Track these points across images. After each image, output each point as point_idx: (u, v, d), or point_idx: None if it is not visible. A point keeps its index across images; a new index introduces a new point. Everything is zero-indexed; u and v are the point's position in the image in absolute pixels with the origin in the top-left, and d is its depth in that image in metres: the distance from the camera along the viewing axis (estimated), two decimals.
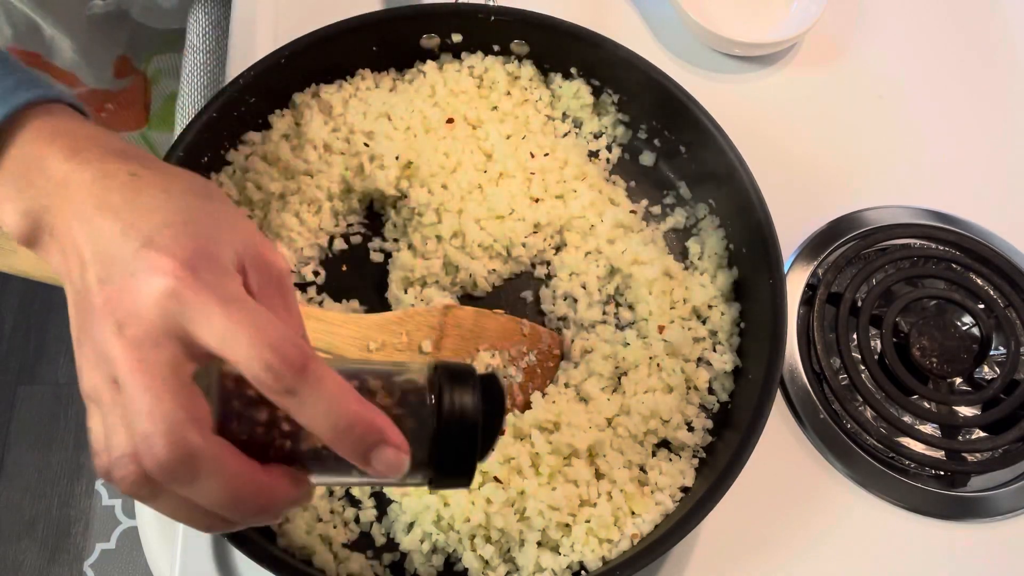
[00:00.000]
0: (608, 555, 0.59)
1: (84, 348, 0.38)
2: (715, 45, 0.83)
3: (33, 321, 1.77)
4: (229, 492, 0.36)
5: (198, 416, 0.36)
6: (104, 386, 0.37)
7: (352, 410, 0.37)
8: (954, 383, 0.71)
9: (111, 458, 0.37)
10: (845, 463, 0.67)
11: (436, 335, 0.64)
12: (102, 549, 1.57)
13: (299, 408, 0.36)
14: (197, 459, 0.35)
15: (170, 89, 0.99)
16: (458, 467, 0.41)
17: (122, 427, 0.36)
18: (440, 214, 0.69)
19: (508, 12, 0.72)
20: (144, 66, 0.95)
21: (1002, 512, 0.67)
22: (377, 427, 0.37)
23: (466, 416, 0.40)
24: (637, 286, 0.68)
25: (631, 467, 0.62)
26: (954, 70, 0.86)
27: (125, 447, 0.36)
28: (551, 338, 0.67)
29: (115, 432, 0.37)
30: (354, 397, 0.37)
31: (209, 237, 0.39)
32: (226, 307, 0.36)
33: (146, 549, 0.67)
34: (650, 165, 0.75)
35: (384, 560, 0.61)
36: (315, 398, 0.36)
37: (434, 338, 0.64)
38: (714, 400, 0.66)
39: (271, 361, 0.35)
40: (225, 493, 0.36)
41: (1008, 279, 0.74)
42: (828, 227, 0.76)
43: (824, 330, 0.71)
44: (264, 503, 0.37)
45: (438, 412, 0.40)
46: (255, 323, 0.36)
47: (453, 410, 0.40)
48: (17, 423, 1.68)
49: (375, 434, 0.37)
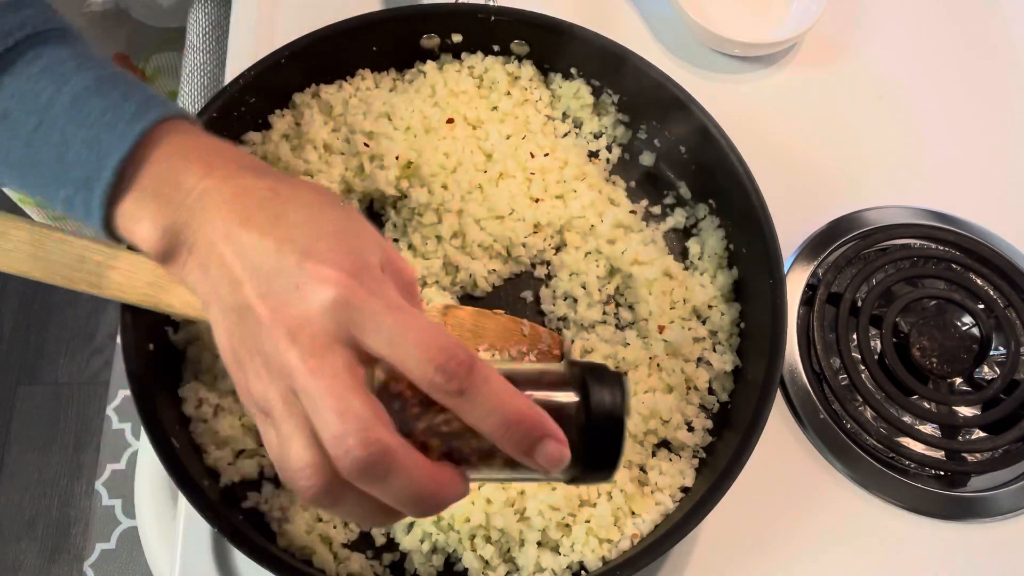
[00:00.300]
0: (608, 555, 0.59)
1: (250, 363, 0.39)
2: (715, 45, 0.83)
3: (33, 321, 1.77)
4: (415, 488, 0.37)
5: (383, 416, 0.37)
6: (277, 397, 0.38)
7: (518, 407, 0.38)
8: (954, 383, 0.71)
9: (292, 471, 0.38)
10: (845, 463, 0.67)
11: None
12: (102, 549, 1.57)
13: (469, 408, 0.38)
14: (391, 456, 0.36)
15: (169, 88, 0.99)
16: (605, 460, 0.42)
17: (299, 436, 0.37)
18: (440, 214, 0.69)
19: (508, 12, 0.72)
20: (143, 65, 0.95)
21: (1002, 512, 0.67)
22: (541, 423, 0.39)
23: (614, 411, 0.41)
24: (637, 286, 0.68)
25: (631, 467, 0.62)
26: (954, 70, 0.86)
27: (306, 457, 0.37)
28: (551, 338, 0.67)
29: (291, 442, 0.37)
30: (519, 395, 0.39)
31: (360, 247, 0.40)
32: (392, 313, 0.38)
33: (146, 549, 0.67)
34: (650, 165, 0.75)
35: (384, 560, 0.61)
36: (484, 397, 0.37)
37: None
38: (714, 400, 0.66)
39: (442, 363, 0.37)
40: (412, 489, 0.37)
41: (1008, 279, 0.74)
42: (828, 227, 0.76)
43: (824, 330, 0.71)
44: (441, 498, 0.39)
45: (586, 408, 0.41)
46: (421, 327, 0.37)
47: (602, 405, 0.41)
48: (17, 423, 1.68)
49: (539, 430, 0.38)
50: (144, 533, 0.68)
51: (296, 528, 0.59)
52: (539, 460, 0.39)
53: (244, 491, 0.61)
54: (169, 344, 0.64)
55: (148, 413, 0.57)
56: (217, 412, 0.62)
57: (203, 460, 0.61)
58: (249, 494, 0.61)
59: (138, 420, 0.56)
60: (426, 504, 0.38)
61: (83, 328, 1.77)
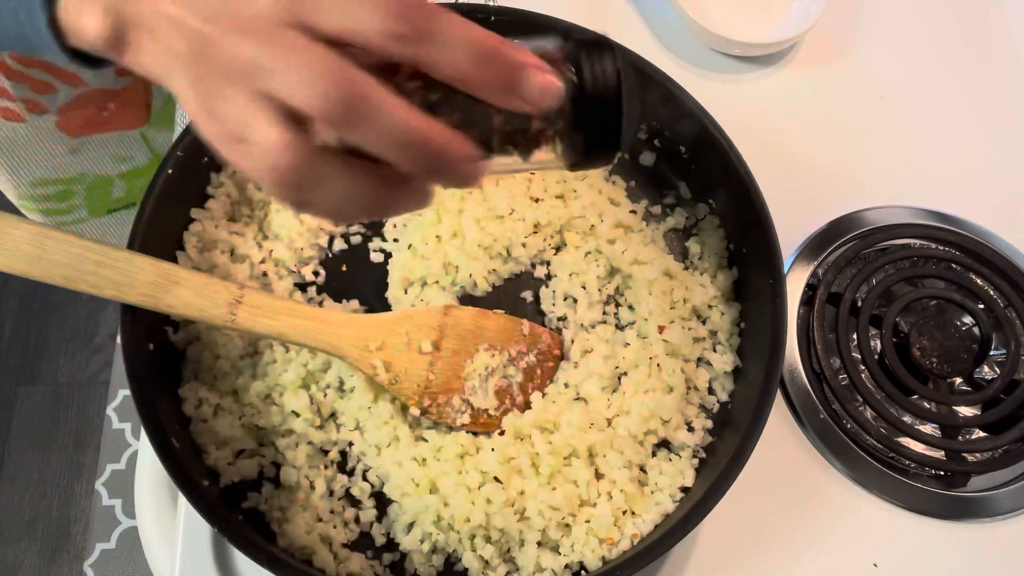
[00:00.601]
0: (608, 555, 0.59)
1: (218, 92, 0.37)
2: (715, 45, 0.83)
3: (33, 321, 1.77)
4: (405, 126, 0.36)
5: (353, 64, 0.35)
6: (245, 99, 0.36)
7: (491, 41, 0.36)
8: (954, 383, 0.71)
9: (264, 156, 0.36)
10: (845, 463, 0.67)
11: (436, 335, 0.64)
12: (102, 549, 1.57)
13: (438, 51, 0.36)
14: (370, 89, 0.35)
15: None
16: (606, 136, 0.39)
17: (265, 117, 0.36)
18: (440, 214, 0.69)
19: (508, 12, 0.72)
20: None
21: (1002, 512, 0.67)
22: (518, 52, 0.37)
23: (609, 82, 0.38)
24: (637, 286, 0.68)
25: (631, 467, 0.62)
26: (954, 70, 0.86)
27: (275, 134, 0.36)
28: (551, 338, 0.67)
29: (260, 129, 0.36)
30: (489, 32, 0.37)
31: None
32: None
33: (146, 549, 0.67)
34: (650, 165, 0.75)
35: (384, 560, 0.61)
36: (449, 33, 0.36)
37: (434, 338, 0.64)
38: (714, 400, 0.66)
39: (396, 9, 0.35)
40: (402, 127, 0.36)
41: (1008, 279, 0.74)
42: (828, 227, 0.76)
43: (824, 330, 0.71)
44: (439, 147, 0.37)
45: (579, 78, 0.38)
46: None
47: (595, 76, 0.38)
48: (17, 423, 1.68)
49: (517, 57, 0.36)
50: (144, 533, 0.68)
51: (296, 528, 0.59)
52: (527, 93, 0.36)
53: (244, 491, 0.61)
54: (169, 344, 0.64)
55: (148, 413, 0.57)
56: (217, 412, 0.62)
57: (203, 460, 0.61)
58: (249, 494, 0.61)
59: (138, 420, 0.56)
60: (421, 150, 0.36)
61: (83, 328, 1.77)
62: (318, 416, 0.63)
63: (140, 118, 1.00)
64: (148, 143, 1.04)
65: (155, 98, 0.99)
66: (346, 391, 0.64)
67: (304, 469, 0.61)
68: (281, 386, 0.63)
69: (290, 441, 0.62)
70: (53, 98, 0.88)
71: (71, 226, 1.08)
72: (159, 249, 0.61)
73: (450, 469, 0.60)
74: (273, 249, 0.68)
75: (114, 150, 1.01)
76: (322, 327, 0.60)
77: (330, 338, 0.60)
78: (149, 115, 1.01)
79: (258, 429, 0.62)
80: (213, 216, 0.67)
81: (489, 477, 0.60)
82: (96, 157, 1.00)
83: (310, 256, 0.69)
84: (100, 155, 1.00)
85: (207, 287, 0.58)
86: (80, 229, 1.09)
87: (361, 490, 0.62)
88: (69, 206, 1.04)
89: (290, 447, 0.62)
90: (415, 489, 0.60)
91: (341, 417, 0.63)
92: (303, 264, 0.69)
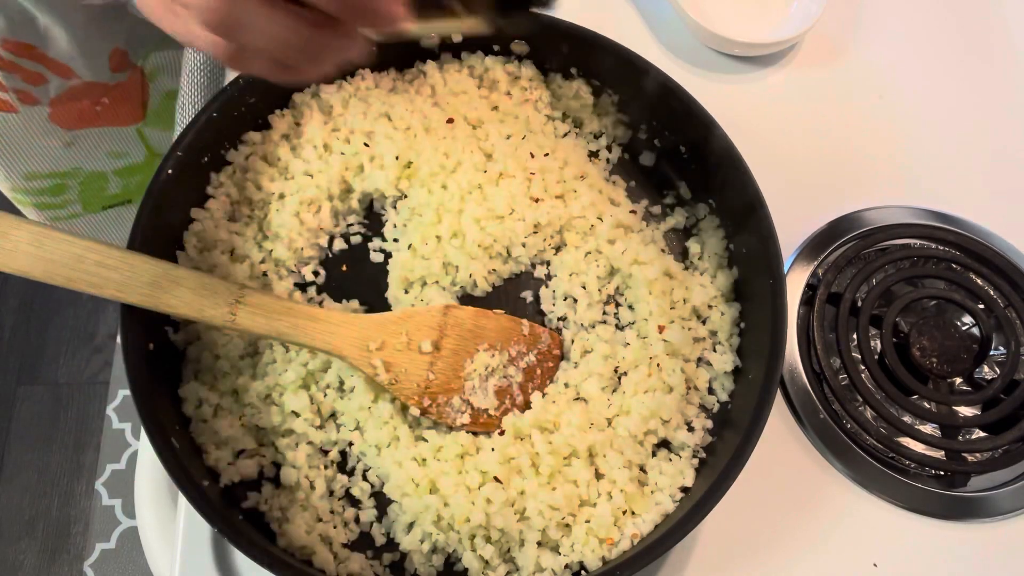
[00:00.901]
0: (608, 555, 0.59)
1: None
2: (715, 45, 0.83)
3: (33, 321, 1.77)
4: None
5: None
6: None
7: None
8: (954, 383, 0.71)
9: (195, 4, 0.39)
10: (845, 463, 0.67)
11: (436, 335, 0.64)
12: (102, 549, 1.57)
13: None
14: None
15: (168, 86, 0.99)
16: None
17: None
18: (440, 214, 0.69)
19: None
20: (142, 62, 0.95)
21: (1002, 512, 0.67)
22: None
23: None
24: (637, 286, 0.68)
25: (631, 467, 0.62)
26: (954, 70, 0.86)
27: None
28: (551, 338, 0.67)
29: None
30: None
31: None
32: None
33: (146, 549, 0.67)
34: (650, 165, 0.75)
35: (384, 560, 0.61)
36: None
37: (434, 338, 0.64)
38: (714, 400, 0.66)
39: None
40: None
41: (1008, 279, 0.74)
42: (828, 227, 0.76)
43: (824, 330, 0.71)
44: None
45: None
46: None
47: None
48: (17, 423, 1.68)
49: None
50: (144, 533, 0.68)
51: (296, 528, 0.59)
52: None
53: (244, 491, 0.61)
54: (169, 344, 0.64)
55: (148, 413, 0.57)
56: (217, 412, 0.62)
57: (203, 460, 0.61)
58: (249, 494, 0.61)
59: (138, 420, 0.56)
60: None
61: (83, 328, 1.77)
62: (318, 416, 0.63)
63: (135, 115, 1.00)
64: (145, 141, 1.04)
65: (152, 96, 0.99)
66: (346, 391, 0.64)
67: (304, 469, 0.61)
68: (281, 386, 0.63)
69: (290, 441, 0.62)
70: (45, 89, 0.88)
71: (65, 221, 1.08)
72: (159, 249, 0.61)
73: (450, 469, 0.60)
74: (273, 249, 0.67)
75: (109, 146, 1.01)
76: (322, 327, 0.60)
77: (330, 338, 0.60)
78: (145, 113, 1.01)
79: (258, 429, 0.62)
80: (213, 216, 0.67)
81: (489, 477, 0.60)
82: (91, 152, 1.00)
83: (310, 256, 0.69)
84: (95, 150, 1.00)
85: (207, 287, 0.58)
86: (75, 224, 1.09)
87: (361, 490, 0.62)
88: (63, 200, 1.04)
89: (290, 447, 0.62)
90: (415, 489, 0.60)
91: (341, 417, 0.63)
92: (303, 264, 0.69)
